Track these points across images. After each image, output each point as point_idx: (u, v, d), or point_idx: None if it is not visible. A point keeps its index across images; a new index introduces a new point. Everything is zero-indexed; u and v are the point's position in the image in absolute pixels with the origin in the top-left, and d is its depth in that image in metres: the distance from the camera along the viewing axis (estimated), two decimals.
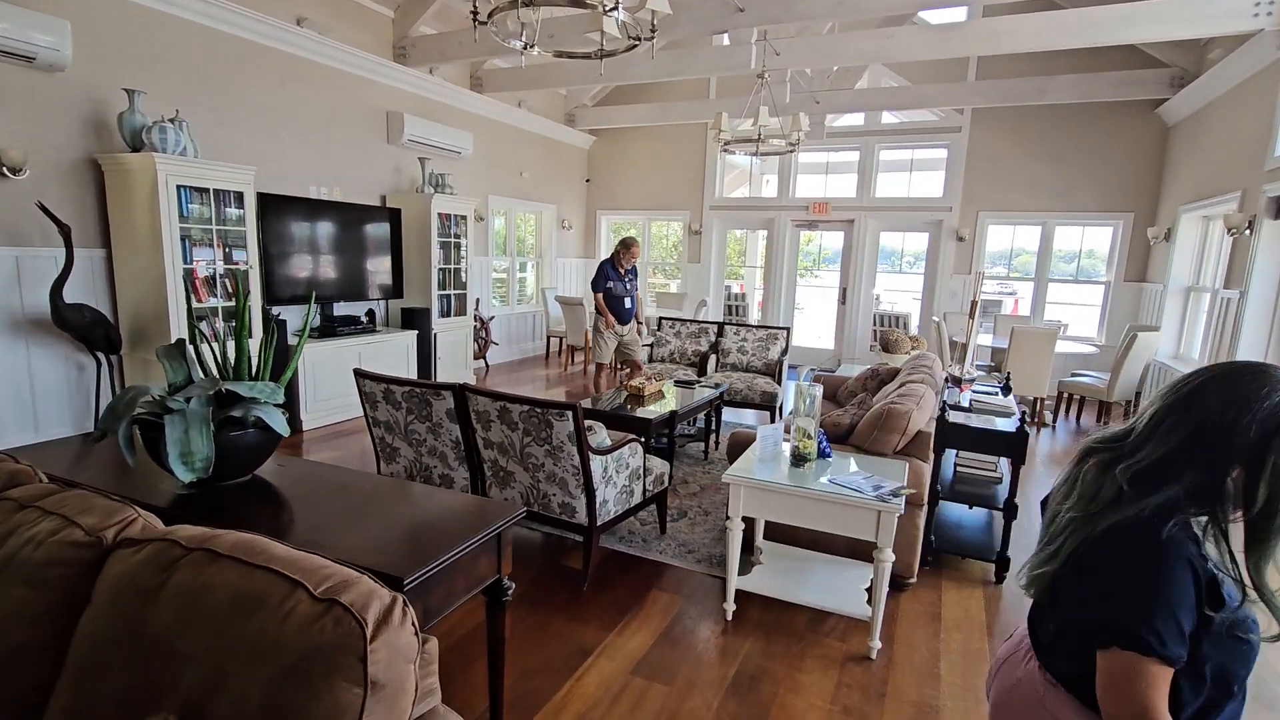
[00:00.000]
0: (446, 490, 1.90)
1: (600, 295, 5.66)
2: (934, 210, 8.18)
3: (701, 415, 4.86)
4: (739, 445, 3.12)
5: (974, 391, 3.85)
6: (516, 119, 8.47)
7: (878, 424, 2.94)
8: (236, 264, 4.70)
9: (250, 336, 4.80)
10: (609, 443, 3.00)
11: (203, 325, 4.54)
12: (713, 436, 5.14)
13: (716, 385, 5.35)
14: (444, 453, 3.27)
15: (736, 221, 9.58)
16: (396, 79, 6.57)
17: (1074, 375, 6.52)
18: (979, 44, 5.60)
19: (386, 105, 6.55)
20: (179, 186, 4.26)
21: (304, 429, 5.25)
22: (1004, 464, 3.58)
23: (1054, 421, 6.44)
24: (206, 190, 4.44)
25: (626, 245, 5.59)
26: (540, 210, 9.30)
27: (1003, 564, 3.11)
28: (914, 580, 3.04)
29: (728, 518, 2.65)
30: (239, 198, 4.64)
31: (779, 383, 5.70)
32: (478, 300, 8.04)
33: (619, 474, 3.05)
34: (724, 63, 6.47)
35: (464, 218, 6.88)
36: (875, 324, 8.90)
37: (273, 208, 5.17)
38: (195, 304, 4.48)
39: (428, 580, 1.39)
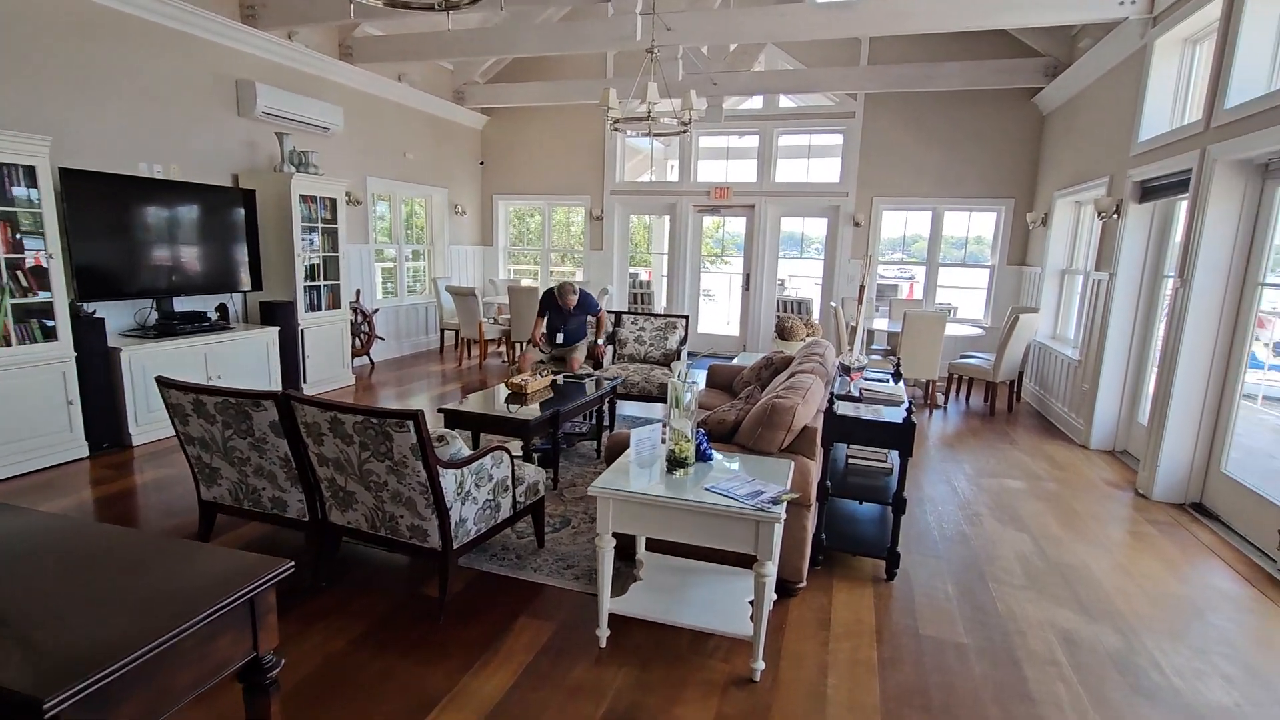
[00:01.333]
0: (189, 544, 1.46)
1: (540, 320, 5.70)
2: (831, 196, 8.21)
3: (594, 411, 4.54)
4: (619, 448, 2.82)
5: (865, 379, 3.74)
6: (397, 94, 7.79)
7: (762, 421, 2.72)
8: (27, 254, 3.93)
9: (53, 339, 4.08)
10: (466, 452, 2.62)
11: None
12: (605, 434, 4.85)
13: (613, 378, 5.06)
14: (272, 472, 2.79)
15: (639, 207, 9.31)
16: (246, 43, 5.81)
17: (963, 357, 6.68)
18: (869, 24, 5.53)
19: (235, 73, 5.79)
20: None
21: (133, 444, 4.54)
22: (894, 455, 3.48)
23: (945, 403, 6.58)
24: None
25: (561, 292, 5.53)
26: (430, 194, 8.67)
27: (893, 560, 2.98)
28: (804, 585, 2.85)
29: (597, 534, 2.34)
30: (29, 173, 3.88)
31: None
32: (358, 292, 7.37)
33: (480, 488, 2.68)
34: (614, 34, 6.12)
35: (333, 200, 6.21)
36: (778, 310, 8.89)
37: (86, 188, 4.40)
38: None
39: (106, 690, 0.98)
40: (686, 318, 5.96)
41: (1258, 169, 3.73)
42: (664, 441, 2.52)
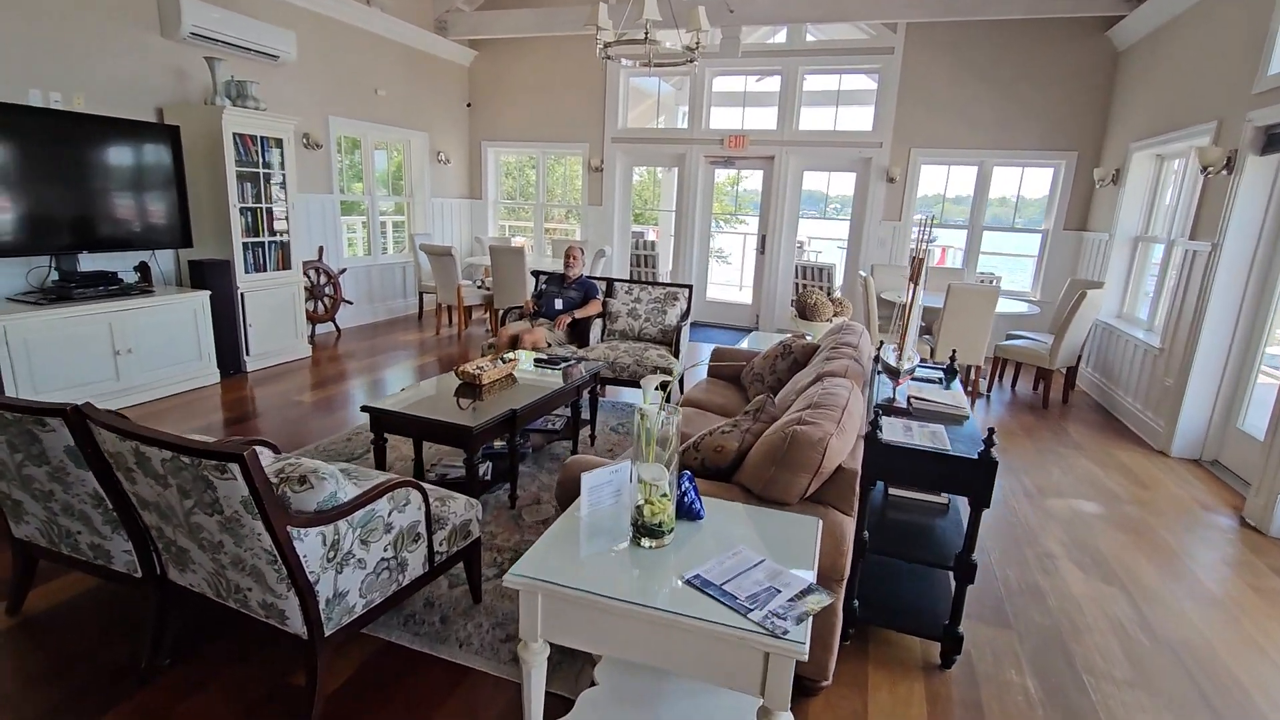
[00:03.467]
0: None
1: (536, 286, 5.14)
2: (863, 145, 7.16)
3: (568, 405, 3.71)
4: (570, 490, 1.99)
5: (913, 380, 2.86)
6: (366, 20, 6.77)
7: (777, 457, 1.87)
8: None
9: None
10: (346, 496, 1.81)
11: None
12: (586, 429, 4.03)
13: (595, 362, 4.22)
14: (85, 513, 1.99)
15: (644, 157, 8.29)
16: None
17: (1011, 338, 5.76)
18: None
19: None
20: None
21: None
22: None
23: (989, 391, 5.68)
24: None
25: (567, 255, 4.96)
26: (408, 138, 7.70)
27: (953, 642, 2.16)
28: (828, 683, 2.05)
29: (520, 640, 1.53)
30: None
31: (676, 354, 4.61)
32: (321, 249, 6.52)
33: (370, 545, 1.88)
34: None
35: (278, 140, 5.30)
36: (796, 276, 7.94)
37: None
38: None
39: None
40: (690, 288, 5.06)
41: None
42: (635, 482, 1.68)
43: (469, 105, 8.60)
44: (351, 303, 6.96)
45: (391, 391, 4.95)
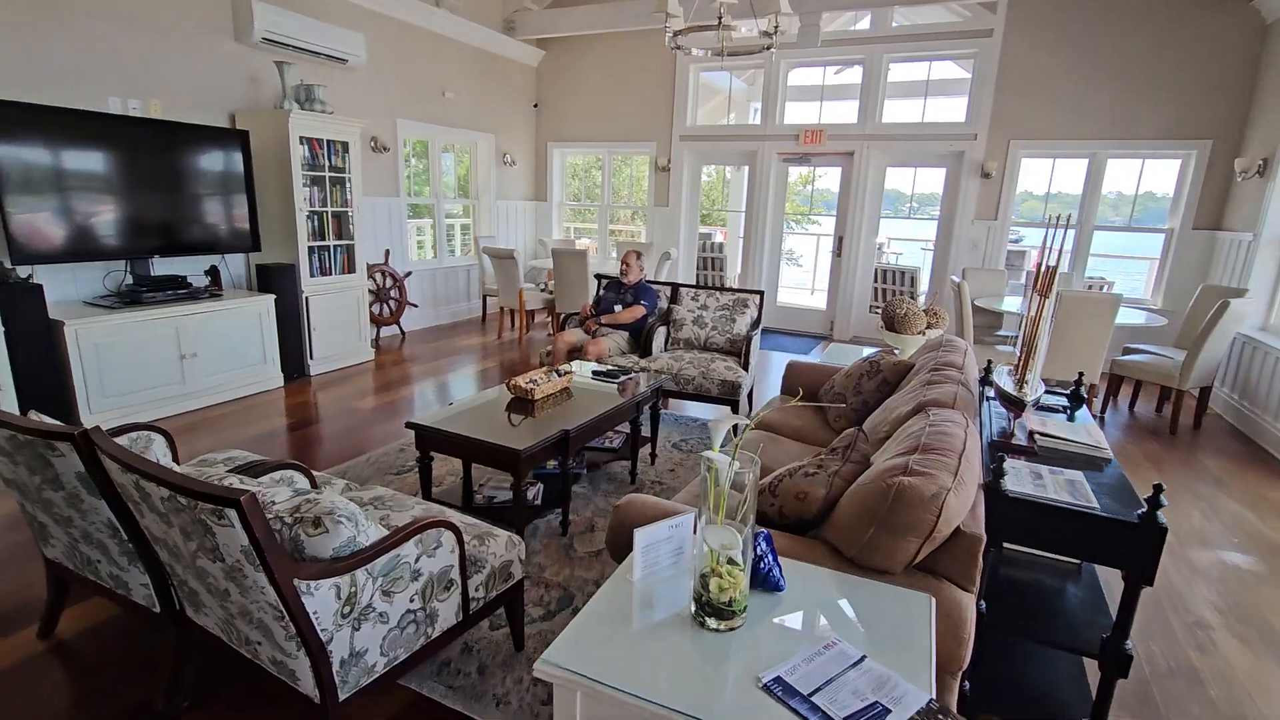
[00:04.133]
0: None
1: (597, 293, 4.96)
2: (955, 139, 6.56)
3: (626, 423, 3.42)
4: (623, 541, 1.69)
5: (1037, 411, 2.41)
6: (434, 21, 6.72)
7: (877, 514, 1.51)
8: None
9: None
10: (367, 540, 1.57)
11: None
12: (647, 447, 3.73)
13: (658, 374, 3.93)
14: (102, 542, 1.85)
15: (713, 155, 7.93)
16: None
17: (1128, 352, 5.08)
18: None
19: None
20: None
21: None
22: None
23: (1103, 412, 5.03)
24: None
25: (624, 260, 4.70)
26: (474, 141, 7.64)
27: None
28: None
29: None
30: None
31: (746, 366, 4.25)
32: (387, 252, 6.51)
33: (394, 596, 1.64)
34: None
35: (345, 145, 5.27)
36: (876, 280, 7.40)
37: (24, 125, 3.60)
38: None
39: None
40: (761, 294, 4.69)
41: None
42: (701, 546, 1.36)
43: (535, 106, 8.48)
44: (416, 305, 6.94)
45: (451, 400, 4.81)
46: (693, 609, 1.33)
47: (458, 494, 3.00)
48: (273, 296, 4.76)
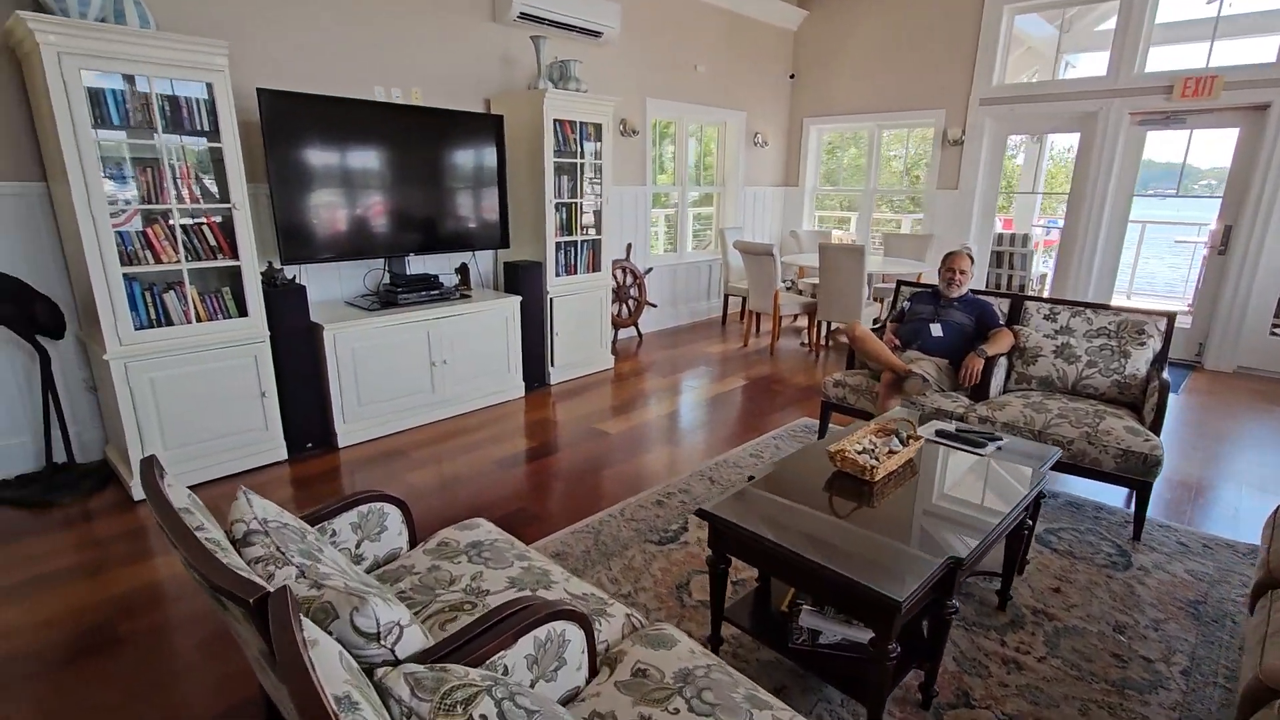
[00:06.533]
0: None
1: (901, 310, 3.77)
2: None
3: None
4: None
5: None
6: None
7: None
8: (200, 204, 3.00)
9: (240, 314, 3.20)
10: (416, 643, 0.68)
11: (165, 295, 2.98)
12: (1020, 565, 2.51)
13: (1007, 427, 2.71)
14: None
15: (1022, 122, 6.17)
16: None
17: None
18: None
19: None
20: (86, 72, 2.59)
21: (339, 446, 3.61)
22: None
23: None
24: (137, 81, 2.74)
25: (948, 263, 3.52)
26: (724, 119, 6.77)
27: None
28: None
29: None
30: (205, 99, 2.90)
31: (1156, 428, 2.79)
32: (629, 247, 5.91)
33: None
34: None
35: (597, 127, 4.68)
36: None
37: (295, 116, 3.42)
38: (152, 265, 2.90)
39: None
40: (1170, 318, 3.16)
41: None
42: None
43: (792, 77, 7.37)
44: (655, 305, 6.30)
45: (715, 432, 3.98)
46: None
47: (746, 609, 2.09)
48: (519, 298, 4.32)
